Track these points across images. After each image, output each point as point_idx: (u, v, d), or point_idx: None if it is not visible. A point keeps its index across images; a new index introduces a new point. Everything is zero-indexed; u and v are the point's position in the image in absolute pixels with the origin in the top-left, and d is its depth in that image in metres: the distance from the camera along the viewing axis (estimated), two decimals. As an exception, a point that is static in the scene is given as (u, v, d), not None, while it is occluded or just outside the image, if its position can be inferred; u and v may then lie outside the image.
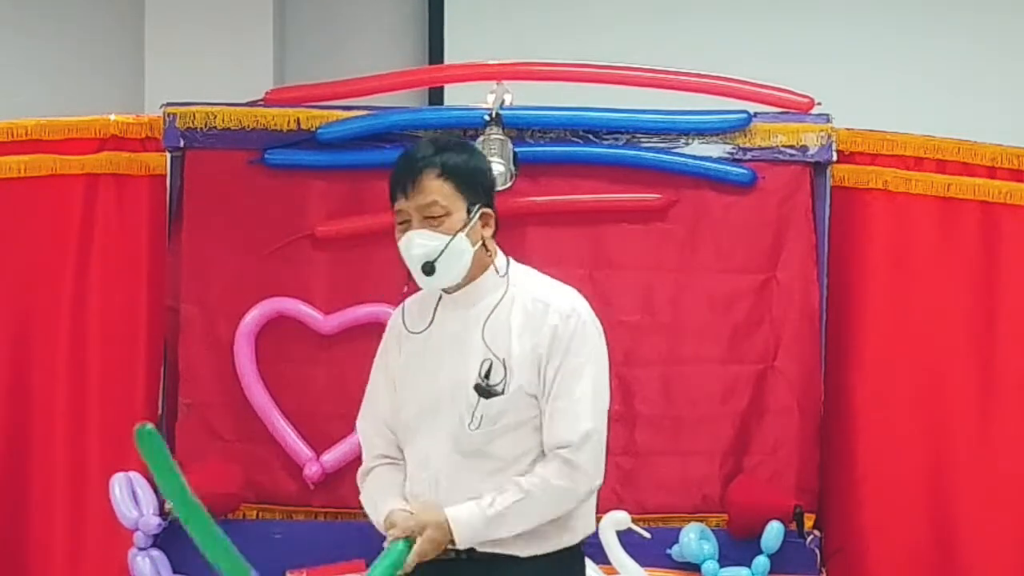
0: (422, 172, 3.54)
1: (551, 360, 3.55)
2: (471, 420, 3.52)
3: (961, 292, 4.89)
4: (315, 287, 4.89)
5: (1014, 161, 4.93)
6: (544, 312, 3.58)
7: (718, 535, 4.67)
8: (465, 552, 3.53)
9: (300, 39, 6.48)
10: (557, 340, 3.55)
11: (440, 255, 3.53)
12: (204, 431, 4.86)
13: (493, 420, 3.52)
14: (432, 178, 3.54)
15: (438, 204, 3.53)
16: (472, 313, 3.59)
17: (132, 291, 4.94)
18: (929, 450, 4.86)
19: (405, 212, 3.55)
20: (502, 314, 3.58)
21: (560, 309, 3.58)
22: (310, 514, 4.86)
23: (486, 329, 3.56)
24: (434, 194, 3.53)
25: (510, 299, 3.60)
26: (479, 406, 3.53)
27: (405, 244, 3.56)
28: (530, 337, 3.55)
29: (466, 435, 3.52)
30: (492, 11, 6.43)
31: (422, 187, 3.53)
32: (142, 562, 4.59)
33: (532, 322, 3.57)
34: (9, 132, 4.96)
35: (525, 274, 3.67)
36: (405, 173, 3.55)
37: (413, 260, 3.54)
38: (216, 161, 4.89)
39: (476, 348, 3.55)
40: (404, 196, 3.54)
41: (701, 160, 4.89)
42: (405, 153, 3.62)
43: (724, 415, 4.86)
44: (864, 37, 6.36)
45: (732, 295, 4.89)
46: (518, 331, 3.57)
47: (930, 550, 4.85)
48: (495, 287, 3.61)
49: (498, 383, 3.53)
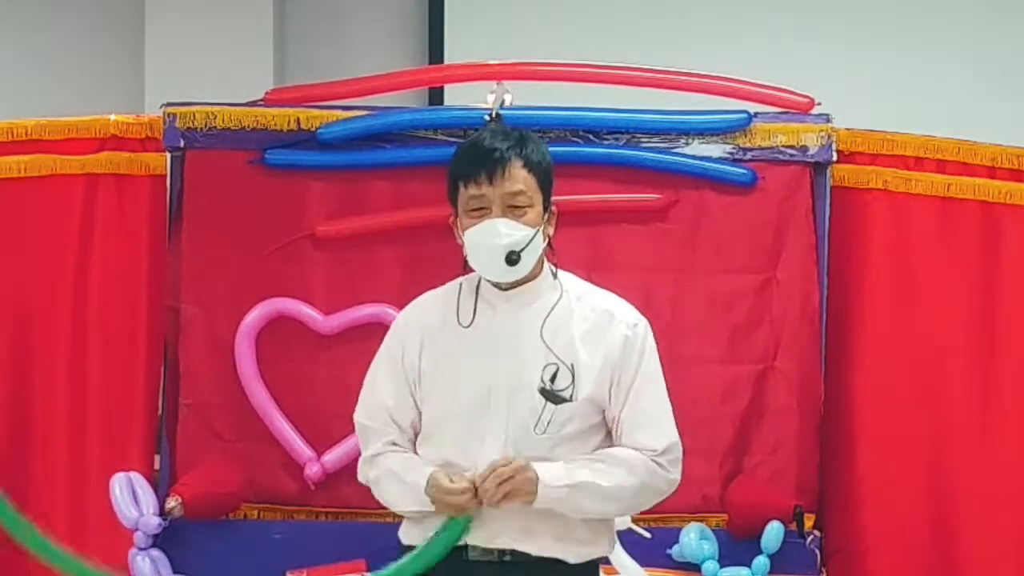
0: (510, 160, 3.51)
1: (625, 369, 3.54)
2: (537, 424, 3.50)
3: (961, 292, 4.89)
4: (315, 287, 4.89)
5: (1014, 161, 4.93)
6: (609, 322, 3.57)
7: (718, 535, 4.67)
8: (510, 554, 3.51)
9: (300, 39, 6.49)
10: (629, 349, 3.55)
11: (527, 246, 3.51)
12: (204, 431, 4.86)
13: (560, 426, 3.51)
14: (519, 167, 3.52)
15: (525, 194, 3.52)
16: (526, 313, 3.56)
17: (132, 291, 4.94)
18: (929, 450, 4.86)
19: (486, 198, 3.50)
20: (560, 318, 3.56)
21: (626, 319, 3.59)
22: (311, 514, 4.86)
23: (544, 332, 3.54)
24: (520, 183, 3.51)
25: (567, 304, 3.58)
26: (546, 411, 3.50)
27: (488, 231, 3.49)
28: (598, 347, 3.54)
29: (531, 440, 3.48)
30: (492, 11, 6.44)
31: (511, 175, 3.50)
32: (142, 562, 4.59)
33: (597, 331, 3.56)
34: (9, 132, 4.95)
35: (574, 279, 3.67)
36: (489, 159, 3.49)
37: (497, 248, 3.49)
38: (216, 161, 4.89)
39: (536, 350, 3.52)
40: (489, 182, 3.49)
41: (701, 160, 4.89)
42: (477, 141, 3.55)
43: (724, 415, 4.86)
44: (864, 37, 6.37)
45: (732, 295, 4.89)
46: (582, 339, 3.55)
47: (930, 550, 4.84)
48: (551, 289, 3.60)
49: (565, 388, 3.50)
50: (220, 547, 4.67)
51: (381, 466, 3.60)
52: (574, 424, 3.52)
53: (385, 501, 3.64)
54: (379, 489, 3.63)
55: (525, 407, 3.49)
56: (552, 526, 3.51)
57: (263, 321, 4.85)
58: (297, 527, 4.81)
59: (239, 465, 4.83)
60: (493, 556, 3.52)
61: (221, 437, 4.86)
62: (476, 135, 3.62)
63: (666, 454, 3.57)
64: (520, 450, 3.47)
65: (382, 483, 3.60)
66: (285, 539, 4.71)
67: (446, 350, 3.58)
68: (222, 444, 4.85)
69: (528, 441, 3.49)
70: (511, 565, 3.52)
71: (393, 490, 3.58)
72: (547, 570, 3.53)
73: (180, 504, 4.53)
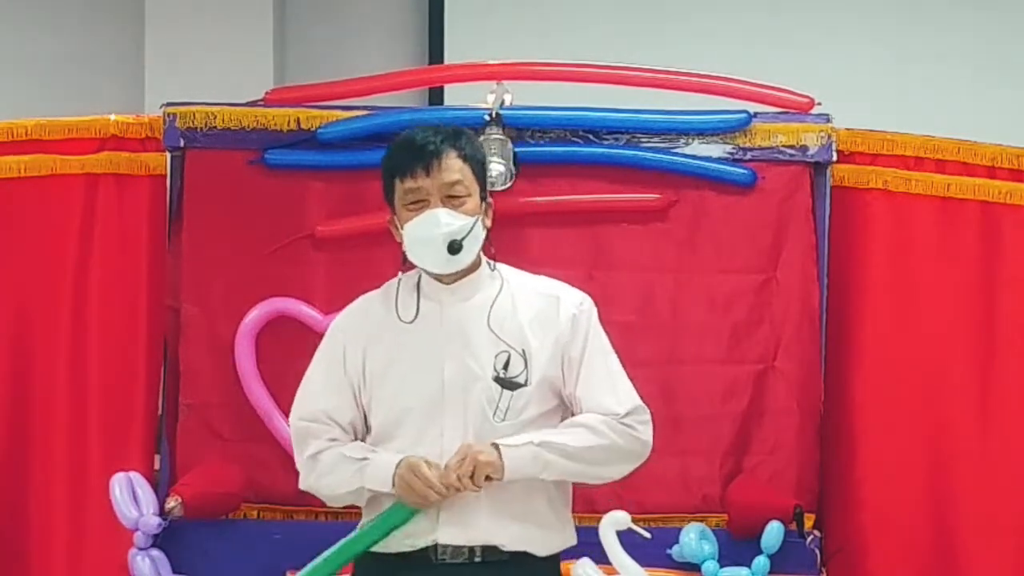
0: (445, 152, 3.53)
1: (574, 344, 3.58)
2: (495, 412, 3.51)
3: (961, 292, 4.89)
4: (315, 287, 4.89)
5: (1014, 161, 4.93)
6: (556, 304, 3.61)
7: (718, 535, 4.67)
8: (481, 555, 3.52)
9: (300, 39, 6.50)
10: (578, 326, 3.59)
11: (467, 234, 3.53)
12: (204, 431, 4.86)
13: (518, 412, 3.53)
14: (454, 157, 3.55)
15: (462, 183, 3.55)
16: (471, 305, 3.58)
17: (132, 291, 4.94)
18: (929, 450, 4.86)
19: (424, 190, 3.53)
20: (505, 307, 3.59)
21: (572, 299, 3.63)
22: (310, 514, 4.85)
23: (491, 321, 3.56)
24: (458, 173, 3.54)
25: (509, 293, 3.61)
26: (503, 398, 3.52)
27: (429, 221, 3.52)
28: (547, 330, 3.57)
29: (491, 429, 3.50)
30: (492, 11, 6.45)
31: (447, 166, 3.53)
32: (142, 562, 4.59)
33: (544, 315, 3.59)
34: (9, 132, 4.95)
35: (512, 270, 3.69)
36: (424, 152, 3.53)
37: (438, 238, 3.51)
38: (216, 161, 4.89)
39: (486, 340, 3.55)
40: (426, 174, 3.52)
41: (701, 160, 4.89)
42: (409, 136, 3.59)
43: (724, 415, 4.86)
44: (864, 37, 6.38)
45: (732, 295, 4.89)
46: (531, 324, 3.58)
47: (930, 550, 4.84)
48: (491, 280, 3.62)
49: (519, 374, 3.53)
50: (220, 547, 4.67)
51: (325, 459, 3.59)
52: (532, 408, 3.55)
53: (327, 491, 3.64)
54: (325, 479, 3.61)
55: (482, 397, 3.52)
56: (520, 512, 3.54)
57: (263, 321, 4.85)
58: (297, 527, 4.81)
59: (239, 465, 4.83)
60: (464, 556, 3.53)
61: (221, 437, 4.86)
62: (407, 132, 3.66)
63: (631, 415, 3.59)
64: (482, 440, 3.49)
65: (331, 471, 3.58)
66: (285, 539, 4.71)
67: (393, 349, 3.59)
68: (222, 444, 4.85)
69: (489, 430, 3.51)
70: (480, 566, 3.53)
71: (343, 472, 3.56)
72: (515, 569, 3.54)
73: (180, 504, 4.53)
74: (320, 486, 3.64)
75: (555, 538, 3.64)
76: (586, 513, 4.64)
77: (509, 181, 4.76)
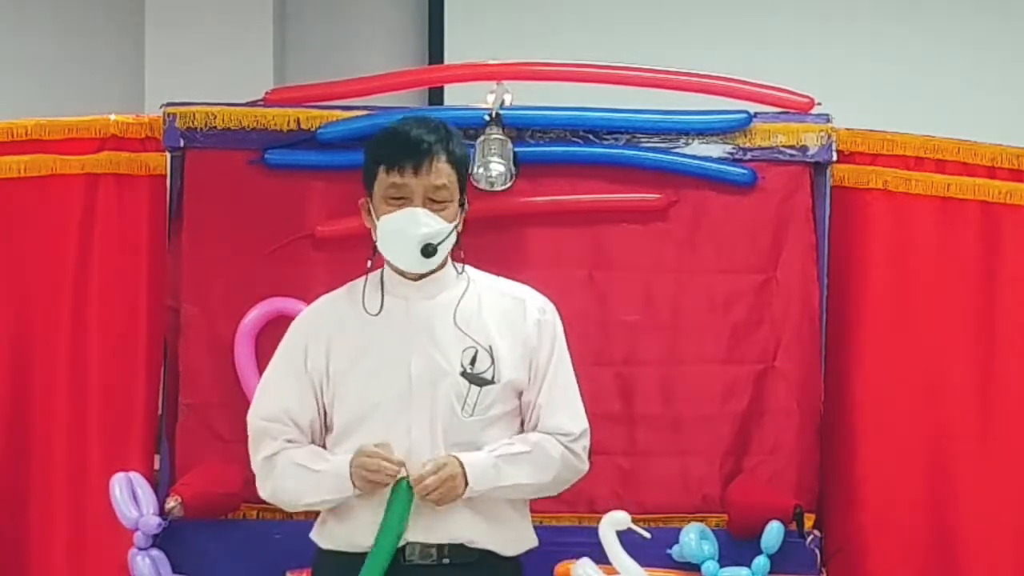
0: (436, 154, 3.54)
1: (540, 350, 3.60)
2: (463, 407, 3.52)
3: (961, 292, 4.89)
4: (315, 287, 4.87)
5: (1014, 161, 4.92)
6: (522, 307, 3.63)
7: (718, 535, 4.67)
8: (448, 555, 3.53)
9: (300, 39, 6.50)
10: (543, 332, 3.63)
11: (443, 240, 3.54)
12: (204, 431, 4.85)
13: (486, 408, 3.56)
14: (443, 161, 3.56)
15: (447, 188, 3.56)
16: (436, 303, 3.60)
17: (132, 291, 4.94)
18: (929, 450, 4.86)
19: (408, 188, 3.54)
20: (471, 305, 3.61)
21: (536, 304, 3.67)
22: (310, 514, 4.84)
23: (457, 318, 3.57)
24: (445, 178, 3.55)
25: (475, 293, 3.63)
26: (470, 393, 3.53)
27: (408, 218, 3.53)
28: (514, 332, 3.59)
29: (458, 424, 3.52)
30: (492, 11, 6.45)
31: (437, 169, 3.54)
32: (142, 562, 4.59)
33: (511, 317, 3.61)
34: (9, 132, 4.95)
35: (478, 272, 3.71)
36: (417, 150, 3.53)
37: (414, 238, 3.53)
38: (216, 161, 4.89)
39: (452, 336, 3.56)
40: (414, 173, 3.53)
41: (701, 160, 4.89)
42: (404, 129, 3.59)
43: (724, 415, 4.86)
44: (864, 37, 6.38)
45: (732, 295, 4.89)
46: (497, 325, 3.60)
47: (930, 550, 4.84)
48: (457, 281, 3.64)
49: (486, 370, 3.55)
50: (220, 547, 4.67)
51: (281, 463, 3.61)
52: (498, 406, 3.58)
53: (287, 499, 3.66)
54: (282, 485, 3.63)
55: (451, 393, 3.54)
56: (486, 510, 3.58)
57: (263, 321, 4.84)
58: (297, 527, 4.79)
59: (239, 465, 4.80)
60: (432, 558, 3.54)
61: (221, 437, 4.85)
62: (400, 122, 3.66)
63: (580, 440, 3.64)
64: (450, 436, 3.52)
65: (287, 478, 3.61)
66: (285, 539, 4.70)
67: (358, 346, 3.60)
68: (222, 444, 4.85)
69: (456, 426, 3.53)
70: (448, 568, 3.54)
71: (302, 483, 3.60)
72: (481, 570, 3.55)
73: (180, 504, 4.53)
74: (278, 493, 3.66)
75: (519, 538, 3.67)
76: (586, 513, 4.66)
77: (509, 181, 4.76)
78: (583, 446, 3.67)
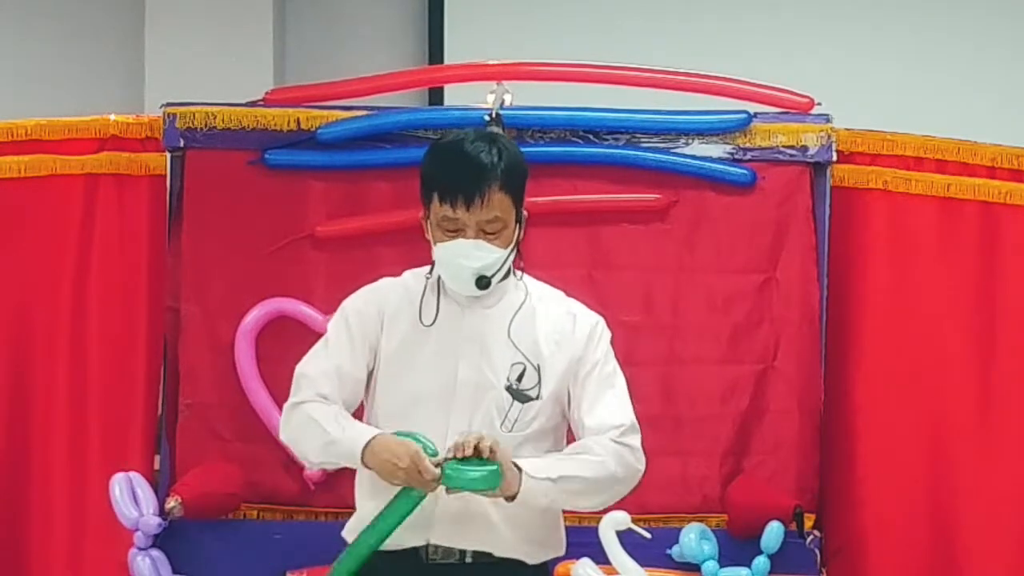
0: (490, 187, 3.47)
1: (585, 360, 3.57)
2: (503, 422, 3.51)
3: (961, 292, 4.89)
4: (315, 287, 4.89)
5: (1014, 161, 4.93)
6: (573, 322, 3.61)
7: (718, 535, 4.67)
8: (472, 556, 3.52)
9: (300, 39, 6.50)
10: (591, 345, 3.59)
11: (498, 270, 3.52)
12: (204, 431, 4.86)
13: (526, 424, 3.53)
14: (496, 190, 3.48)
15: (499, 219, 3.50)
16: (493, 313, 3.57)
17: (132, 291, 4.94)
18: (929, 450, 4.86)
19: (461, 222, 3.49)
20: (526, 318, 3.57)
21: (588, 319, 3.64)
22: (310, 514, 4.85)
23: (512, 331, 3.55)
24: (497, 209, 3.49)
25: (531, 305, 3.59)
26: (512, 409, 3.51)
27: (460, 251, 3.48)
28: (564, 348, 3.56)
29: (497, 437, 3.48)
30: (492, 11, 6.45)
31: (490, 202, 3.47)
32: (142, 562, 4.59)
33: (561, 332, 3.58)
34: (9, 132, 4.95)
35: (534, 281, 3.68)
36: (470, 183, 3.46)
37: (467, 271, 3.49)
38: (216, 161, 4.89)
39: (503, 350, 3.53)
40: (466, 208, 3.46)
41: (701, 160, 4.89)
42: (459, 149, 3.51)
43: (724, 415, 4.86)
44: (864, 37, 6.38)
45: (732, 295, 4.89)
46: (546, 340, 3.56)
47: (930, 550, 4.84)
48: (516, 289, 3.61)
49: (531, 388, 3.53)
50: (220, 547, 4.67)
51: (301, 414, 3.55)
52: (539, 421, 3.54)
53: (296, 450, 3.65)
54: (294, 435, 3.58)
55: (492, 405, 3.51)
56: (517, 520, 3.53)
57: (263, 321, 4.85)
58: (297, 527, 4.81)
59: (239, 465, 4.83)
60: (455, 558, 3.53)
61: (221, 437, 4.86)
62: (457, 140, 3.56)
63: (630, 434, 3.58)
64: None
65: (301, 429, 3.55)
66: (285, 539, 4.71)
67: (408, 342, 3.57)
68: (222, 444, 4.85)
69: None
70: (472, 567, 3.53)
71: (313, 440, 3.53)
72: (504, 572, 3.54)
73: (180, 504, 4.53)
74: (291, 442, 3.63)
75: (547, 548, 3.64)
76: (586, 513, 4.65)
77: (509, 181, 4.76)
78: (636, 441, 3.60)
